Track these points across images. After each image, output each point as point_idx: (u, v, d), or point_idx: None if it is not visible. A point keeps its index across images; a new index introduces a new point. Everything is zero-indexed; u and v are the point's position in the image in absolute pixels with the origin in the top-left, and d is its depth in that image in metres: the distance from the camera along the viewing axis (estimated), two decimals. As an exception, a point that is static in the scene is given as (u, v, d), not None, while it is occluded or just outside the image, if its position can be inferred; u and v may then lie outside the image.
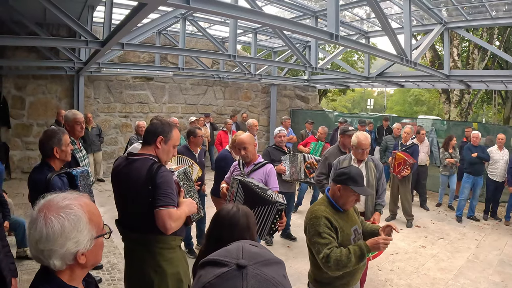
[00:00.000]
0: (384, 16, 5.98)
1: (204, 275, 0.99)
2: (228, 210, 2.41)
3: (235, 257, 1.01)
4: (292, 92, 18.30)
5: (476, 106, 23.39)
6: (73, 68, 11.37)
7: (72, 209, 1.55)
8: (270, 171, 4.87)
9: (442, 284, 5.95)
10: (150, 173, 3.02)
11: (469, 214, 9.46)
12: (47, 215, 1.50)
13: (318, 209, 3.30)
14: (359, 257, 3.12)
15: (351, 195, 3.29)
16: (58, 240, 1.49)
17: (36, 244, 1.50)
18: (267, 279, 0.96)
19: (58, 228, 1.49)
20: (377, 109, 55.13)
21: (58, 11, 6.47)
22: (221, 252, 1.05)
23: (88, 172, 4.58)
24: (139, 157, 3.18)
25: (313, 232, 3.19)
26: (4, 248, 3.10)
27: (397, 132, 10.46)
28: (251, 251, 1.04)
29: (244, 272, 0.96)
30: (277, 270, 1.02)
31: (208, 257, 1.05)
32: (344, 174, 3.32)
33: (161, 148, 3.24)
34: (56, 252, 1.50)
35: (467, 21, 8.98)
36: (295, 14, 9.98)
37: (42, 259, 1.52)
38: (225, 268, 0.98)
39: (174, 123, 3.43)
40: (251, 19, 4.87)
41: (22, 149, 12.08)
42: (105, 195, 10.24)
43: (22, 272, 5.50)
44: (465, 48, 20.17)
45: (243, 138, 4.91)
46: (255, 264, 0.99)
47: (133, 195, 3.08)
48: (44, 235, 1.48)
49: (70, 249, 1.52)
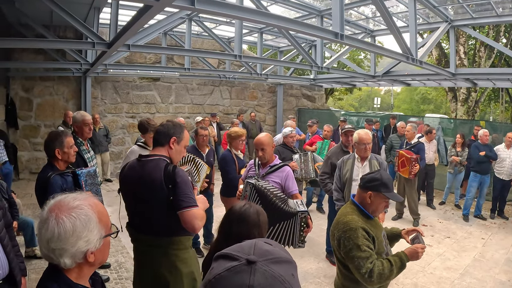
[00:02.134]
0: (389, 15, 5.99)
1: (215, 267, 1.03)
2: (240, 206, 2.48)
3: (247, 253, 1.04)
4: (299, 91, 18.29)
5: (483, 104, 23.26)
6: (80, 70, 11.45)
7: (82, 209, 1.59)
8: (288, 173, 4.70)
9: (448, 283, 5.94)
10: (167, 173, 3.04)
11: (476, 213, 9.42)
12: (59, 215, 1.54)
13: (351, 219, 3.06)
14: (400, 267, 3.03)
15: (382, 201, 3.14)
16: (70, 239, 1.53)
17: (48, 243, 1.53)
18: (274, 276, 0.99)
19: (70, 227, 1.53)
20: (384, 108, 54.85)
21: (65, 13, 6.53)
22: (234, 247, 1.09)
23: (96, 171, 4.62)
24: (152, 158, 3.19)
25: (352, 245, 2.95)
26: (14, 247, 3.15)
27: (401, 131, 10.43)
28: (263, 249, 1.07)
29: (253, 267, 0.99)
30: (287, 269, 1.04)
31: (222, 251, 1.09)
32: (376, 180, 3.13)
33: (174, 149, 3.27)
34: (68, 251, 1.54)
35: (473, 19, 8.96)
36: (300, 14, 10.00)
37: (53, 258, 1.56)
38: (235, 262, 1.01)
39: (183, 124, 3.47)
40: (256, 20, 4.90)
41: (30, 150, 12.18)
42: (113, 195, 10.28)
43: (30, 271, 5.55)
44: (471, 46, 20.07)
45: (262, 138, 4.72)
46: (265, 260, 1.02)
47: (148, 197, 3.08)
48: (56, 234, 1.51)
49: (81, 248, 1.56)
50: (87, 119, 5.28)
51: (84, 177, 4.26)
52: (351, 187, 5.33)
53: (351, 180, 5.35)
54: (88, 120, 5.31)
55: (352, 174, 5.36)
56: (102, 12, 8.87)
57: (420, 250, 3.08)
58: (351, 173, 5.37)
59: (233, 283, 0.97)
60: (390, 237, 3.48)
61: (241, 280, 0.97)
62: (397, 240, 3.50)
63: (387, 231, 3.52)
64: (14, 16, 9.76)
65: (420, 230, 3.34)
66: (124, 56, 12.57)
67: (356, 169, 5.36)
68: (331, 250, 6.64)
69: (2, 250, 2.93)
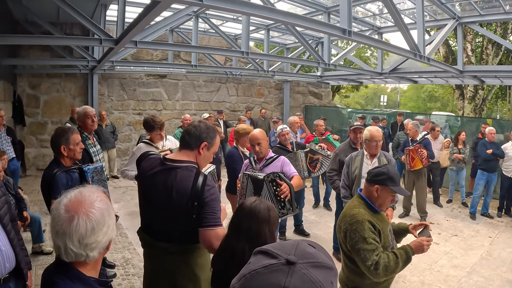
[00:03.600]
0: (396, 11, 5.96)
1: (253, 263, 1.01)
2: (251, 201, 2.47)
3: (287, 252, 1.01)
4: (305, 88, 18.28)
5: (490, 102, 23.12)
6: (87, 66, 11.47)
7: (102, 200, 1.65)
8: (283, 161, 4.91)
9: (455, 281, 5.92)
10: (197, 187, 2.77)
11: (483, 211, 9.37)
12: (87, 209, 1.57)
13: (358, 212, 3.09)
14: (405, 260, 3.05)
15: (389, 195, 3.16)
16: (101, 230, 1.58)
17: (81, 241, 1.54)
18: (312, 281, 0.95)
19: (100, 218, 1.58)
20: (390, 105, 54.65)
21: (72, 10, 6.54)
22: (276, 245, 1.06)
23: (102, 167, 4.63)
24: (181, 164, 2.90)
25: (358, 238, 2.98)
26: (20, 241, 3.16)
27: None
28: (306, 250, 1.04)
29: (291, 268, 0.96)
30: (326, 275, 1.00)
31: (263, 247, 1.06)
32: (383, 174, 3.15)
33: (203, 155, 3.01)
34: (100, 242, 1.58)
35: (481, 16, 8.91)
36: (307, 10, 9.97)
37: (83, 254, 1.57)
38: (274, 260, 0.98)
39: (218, 130, 3.26)
40: (264, 16, 4.88)
41: (37, 147, 12.24)
42: (120, 192, 10.32)
43: (37, 267, 5.58)
44: (479, 43, 19.96)
45: (257, 134, 4.93)
46: (305, 263, 0.99)
47: (173, 208, 2.83)
48: (89, 229, 1.55)
49: (109, 236, 1.62)
50: (88, 111, 5.32)
51: (91, 173, 4.27)
52: (360, 184, 5.31)
53: (360, 177, 5.33)
54: (90, 112, 5.33)
55: (361, 171, 5.33)
56: (109, 9, 8.89)
57: (425, 242, 3.10)
58: (360, 170, 5.34)
59: (268, 282, 0.94)
60: (398, 232, 3.48)
61: (276, 280, 0.94)
62: (404, 235, 3.50)
63: (394, 226, 3.53)
64: (21, 13, 9.81)
65: (427, 224, 3.35)
66: (131, 53, 12.61)
67: (365, 166, 5.33)
68: (338, 247, 6.62)
69: (9, 244, 2.95)
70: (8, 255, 2.90)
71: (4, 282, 2.89)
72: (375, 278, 3.00)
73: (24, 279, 3.10)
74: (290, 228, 7.68)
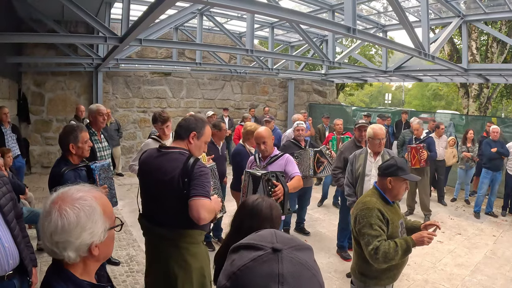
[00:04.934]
0: (401, 9, 5.94)
1: (238, 259, 1.01)
2: (253, 199, 2.48)
3: (270, 241, 1.02)
4: (310, 86, 18.26)
5: (495, 101, 23.00)
6: (91, 64, 11.50)
7: (86, 200, 1.57)
8: (287, 159, 4.94)
9: (459, 279, 5.92)
10: (187, 165, 3.05)
11: (487, 210, 9.34)
12: (62, 207, 1.52)
13: (370, 200, 3.34)
14: (405, 250, 3.15)
15: (402, 184, 3.35)
16: (74, 231, 1.50)
17: (51, 237, 1.50)
18: (301, 263, 0.98)
19: (74, 219, 1.50)
20: (395, 104, 54.59)
21: (76, 8, 6.56)
22: (254, 237, 1.07)
23: (109, 165, 4.67)
24: (173, 150, 3.22)
25: (365, 223, 3.23)
26: (25, 238, 3.18)
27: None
28: (284, 237, 1.07)
29: (279, 256, 0.97)
30: (309, 255, 1.04)
31: (242, 242, 1.07)
32: (392, 166, 3.36)
33: (194, 144, 3.29)
34: (72, 243, 1.51)
35: (486, 14, 8.86)
36: (311, 8, 9.96)
37: (57, 252, 1.53)
38: (260, 251, 0.99)
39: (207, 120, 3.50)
40: (268, 14, 4.88)
41: (42, 144, 12.30)
42: (124, 189, 10.35)
43: (42, 263, 5.59)
44: (483, 41, 19.87)
45: (262, 132, 4.93)
46: (289, 248, 1.01)
47: (166, 188, 3.09)
48: (59, 226, 1.49)
49: (85, 240, 1.53)
50: (101, 109, 5.55)
51: (98, 171, 4.29)
52: (364, 182, 5.33)
53: (363, 175, 5.35)
54: (102, 110, 5.56)
55: (365, 169, 5.35)
56: (114, 7, 8.91)
57: (425, 235, 3.19)
58: (364, 168, 5.36)
59: (261, 273, 0.95)
60: (410, 229, 3.56)
61: (269, 269, 0.95)
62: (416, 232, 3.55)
63: (408, 223, 3.64)
64: (25, 12, 9.83)
65: (437, 224, 3.39)
66: (136, 51, 12.61)
67: (369, 164, 5.35)
68: (342, 245, 6.66)
69: (13, 241, 2.96)
70: (11, 252, 2.91)
71: (8, 279, 2.90)
72: (374, 263, 3.18)
73: (29, 276, 3.12)
74: (291, 226, 7.70)
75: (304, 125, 7.33)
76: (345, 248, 6.62)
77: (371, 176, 5.28)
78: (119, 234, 7.18)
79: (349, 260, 6.38)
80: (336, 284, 5.70)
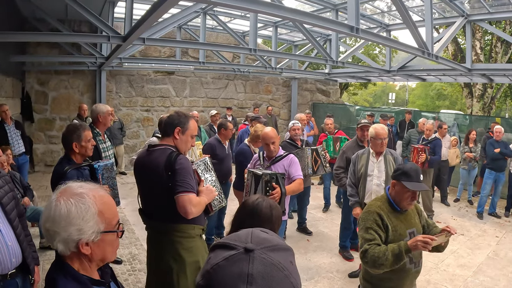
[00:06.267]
0: (405, 9, 5.93)
1: (213, 257, 1.03)
2: (253, 199, 2.47)
3: (244, 241, 1.04)
4: (313, 85, 18.23)
5: (499, 101, 22.94)
6: (95, 63, 11.53)
7: (83, 198, 1.58)
8: (291, 160, 4.94)
9: (461, 280, 5.90)
10: (169, 160, 3.17)
11: (490, 211, 9.32)
12: (59, 198, 1.56)
13: (373, 204, 3.33)
14: (397, 255, 2.96)
15: (405, 191, 3.17)
16: (61, 223, 1.53)
17: (44, 223, 1.56)
18: (272, 264, 0.99)
19: (64, 211, 1.53)
20: (398, 103, 54.47)
21: (80, 7, 6.58)
22: (231, 237, 1.09)
23: (113, 164, 4.69)
24: (159, 147, 3.35)
25: (362, 226, 3.23)
26: (27, 237, 3.19)
27: (422, 127, 10.39)
28: (260, 237, 1.08)
29: (251, 256, 0.99)
30: (284, 256, 1.04)
31: (219, 241, 1.10)
32: (398, 169, 3.28)
33: (179, 139, 3.39)
34: (59, 234, 1.54)
35: (490, 14, 8.83)
36: (315, 8, 9.96)
37: (48, 238, 1.59)
38: (233, 251, 1.01)
39: (191, 115, 3.57)
40: (271, 13, 4.88)
41: (45, 143, 12.34)
42: (127, 188, 10.37)
43: (45, 261, 5.62)
44: (487, 41, 19.81)
45: (270, 133, 4.90)
46: (263, 248, 1.02)
47: (153, 184, 3.25)
48: (51, 215, 1.54)
49: (72, 236, 1.54)
50: (109, 109, 5.63)
51: (101, 170, 4.30)
52: (366, 182, 5.32)
53: (366, 175, 5.32)
54: (110, 110, 5.66)
55: (367, 169, 5.33)
56: (117, 6, 8.92)
57: (420, 239, 2.97)
58: (366, 168, 5.34)
59: (232, 272, 0.97)
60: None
61: (239, 269, 0.96)
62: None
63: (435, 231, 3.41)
64: (29, 11, 9.86)
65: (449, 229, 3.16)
66: (139, 50, 12.64)
67: (371, 164, 5.33)
68: (344, 245, 6.65)
69: (16, 239, 2.97)
70: (14, 250, 2.92)
71: (11, 278, 2.92)
72: (366, 266, 3.17)
73: (31, 274, 3.13)
74: (293, 226, 7.70)
75: (299, 125, 7.28)
76: (347, 248, 6.62)
77: (373, 176, 5.27)
78: (122, 233, 7.18)
79: (351, 260, 6.38)
80: (338, 284, 5.69)
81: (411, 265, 3.22)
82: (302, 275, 5.85)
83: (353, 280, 5.72)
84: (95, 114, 5.46)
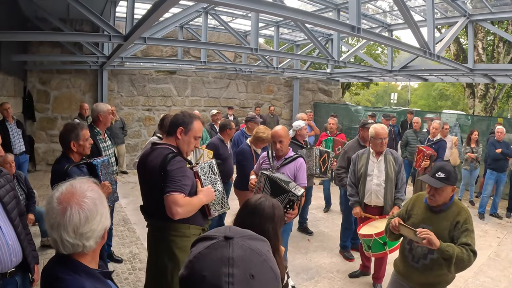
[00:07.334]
0: (406, 9, 5.92)
1: (195, 249, 1.06)
2: (256, 198, 2.48)
3: (223, 232, 1.08)
4: (315, 85, 18.21)
5: (501, 101, 22.86)
6: (96, 63, 11.54)
7: (93, 190, 1.65)
8: (300, 165, 4.79)
9: (462, 281, 5.87)
10: (164, 161, 3.18)
11: (491, 211, 9.30)
12: (79, 200, 1.58)
13: (417, 194, 3.77)
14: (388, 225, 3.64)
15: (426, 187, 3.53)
16: (96, 218, 1.58)
17: (75, 230, 1.54)
18: (251, 249, 1.03)
19: (93, 207, 1.58)
20: (401, 103, 54.42)
21: (82, 6, 6.58)
22: (211, 231, 1.13)
23: (109, 161, 4.70)
24: (160, 146, 3.37)
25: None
26: (27, 236, 3.20)
27: (416, 127, 10.37)
28: (239, 229, 1.12)
29: (230, 242, 1.03)
30: (262, 245, 1.08)
31: (200, 235, 1.14)
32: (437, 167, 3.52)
33: (181, 139, 3.37)
34: (95, 231, 1.59)
35: (492, 14, 8.80)
36: (317, 7, 9.96)
37: (79, 244, 1.57)
38: (213, 240, 1.05)
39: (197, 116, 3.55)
40: (273, 13, 4.87)
41: (47, 142, 12.36)
42: (128, 187, 10.38)
43: (45, 260, 5.58)
44: (490, 41, 19.75)
45: (280, 131, 4.80)
46: (241, 237, 1.07)
47: (151, 182, 3.30)
48: (83, 217, 1.55)
49: (103, 224, 1.62)
50: (109, 108, 5.64)
51: (100, 166, 4.31)
52: (366, 182, 5.31)
53: (366, 175, 5.31)
54: (112, 109, 5.85)
55: (367, 169, 5.32)
56: (119, 6, 8.93)
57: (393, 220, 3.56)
58: (366, 168, 5.33)
59: (214, 258, 1.00)
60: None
61: (220, 254, 1.00)
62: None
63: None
64: (31, 10, 9.87)
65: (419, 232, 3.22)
66: (141, 49, 12.65)
67: (371, 164, 5.32)
68: (345, 245, 6.64)
69: (16, 238, 2.98)
70: (15, 249, 2.93)
71: (10, 276, 2.92)
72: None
73: (31, 273, 3.14)
74: (294, 225, 7.68)
75: (304, 124, 7.26)
76: (348, 248, 6.61)
77: (373, 176, 5.26)
78: (122, 232, 7.22)
79: (351, 260, 6.37)
80: (338, 284, 5.68)
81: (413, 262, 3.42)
82: (303, 275, 5.86)
83: (353, 280, 5.72)
84: (96, 113, 5.46)
